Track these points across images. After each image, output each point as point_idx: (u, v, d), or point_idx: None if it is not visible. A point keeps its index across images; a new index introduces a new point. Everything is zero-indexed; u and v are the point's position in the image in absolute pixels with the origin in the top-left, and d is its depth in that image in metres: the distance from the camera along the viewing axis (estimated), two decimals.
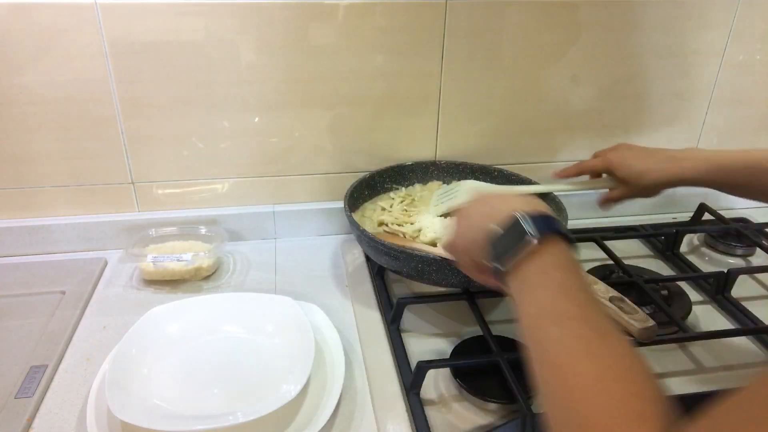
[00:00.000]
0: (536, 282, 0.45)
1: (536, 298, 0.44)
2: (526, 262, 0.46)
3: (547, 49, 0.92)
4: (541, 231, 0.46)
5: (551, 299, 0.43)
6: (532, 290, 0.45)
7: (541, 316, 0.43)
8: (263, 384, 0.64)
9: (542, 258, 0.46)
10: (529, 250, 0.46)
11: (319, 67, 0.87)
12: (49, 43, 0.78)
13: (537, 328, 0.43)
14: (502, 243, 0.48)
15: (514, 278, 0.47)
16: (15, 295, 0.80)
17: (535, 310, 0.44)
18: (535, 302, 0.44)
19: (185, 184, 0.93)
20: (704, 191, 1.09)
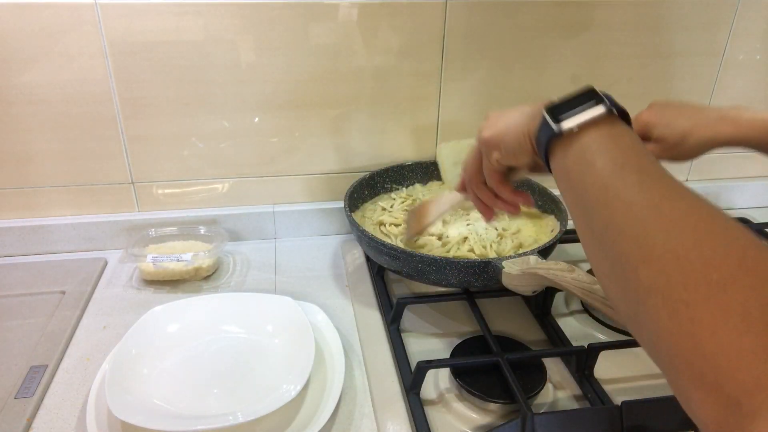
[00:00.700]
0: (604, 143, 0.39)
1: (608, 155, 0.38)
2: (592, 126, 0.40)
3: (547, 49, 0.92)
4: (614, 104, 0.41)
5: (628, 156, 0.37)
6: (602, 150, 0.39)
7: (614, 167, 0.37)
8: (263, 384, 0.64)
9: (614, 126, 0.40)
10: (598, 114, 0.40)
11: (319, 67, 0.87)
12: (49, 43, 0.78)
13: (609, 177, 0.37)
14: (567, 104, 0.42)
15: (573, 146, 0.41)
16: (15, 295, 0.80)
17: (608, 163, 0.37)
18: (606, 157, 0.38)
19: (185, 184, 0.93)
20: (705, 191, 1.09)
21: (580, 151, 0.40)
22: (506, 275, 0.66)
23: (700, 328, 0.27)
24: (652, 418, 0.56)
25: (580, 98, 0.42)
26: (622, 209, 0.34)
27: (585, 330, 0.76)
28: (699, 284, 0.28)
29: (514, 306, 0.80)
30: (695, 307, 0.28)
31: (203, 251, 0.84)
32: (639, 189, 0.35)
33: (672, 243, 0.31)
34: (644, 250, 0.32)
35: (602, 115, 0.40)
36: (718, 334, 0.26)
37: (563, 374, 0.68)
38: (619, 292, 0.34)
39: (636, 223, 0.33)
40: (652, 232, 0.32)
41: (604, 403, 0.62)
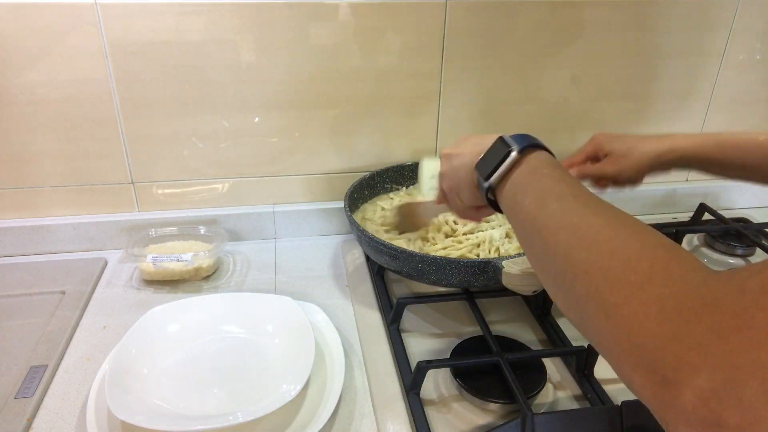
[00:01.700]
0: (528, 181, 0.46)
1: (531, 191, 0.45)
2: (514, 170, 0.48)
3: (547, 49, 0.92)
4: (522, 144, 0.48)
5: (547, 186, 0.44)
6: (525, 188, 0.46)
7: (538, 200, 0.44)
8: (263, 384, 0.64)
9: (529, 163, 0.47)
10: (513, 159, 0.48)
11: (319, 67, 0.87)
12: (49, 43, 0.78)
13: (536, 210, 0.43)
14: (487, 162, 0.50)
15: (505, 190, 0.48)
16: (15, 295, 0.80)
17: (532, 199, 0.44)
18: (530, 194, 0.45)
19: (185, 184, 0.93)
20: (704, 191, 1.09)
21: (511, 194, 0.48)
22: (506, 275, 0.66)
23: (629, 322, 0.32)
24: (652, 418, 0.56)
25: (494, 151, 0.50)
26: (548, 236, 0.41)
27: None
28: (621, 287, 0.33)
29: (514, 306, 0.80)
30: (622, 307, 0.32)
31: (203, 251, 0.84)
32: (560, 215, 0.41)
33: (593, 257, 0.36)
34: (573, 267, 0.37)
35: (515, 158, 0.48)
36: (643, 325, 0.31)
37: (563, 374, 0.68)
38: (565, 303, 0.39)
39: (562, 245, 0.39)
40: (575, 251, 0.37)
41: (604, 403, 0.62)
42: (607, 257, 0.35)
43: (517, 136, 0.49)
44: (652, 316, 0.31)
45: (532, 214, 0.43)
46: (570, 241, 0.38)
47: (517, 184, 0.47)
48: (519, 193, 0.46)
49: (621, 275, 0.34)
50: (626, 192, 1.07)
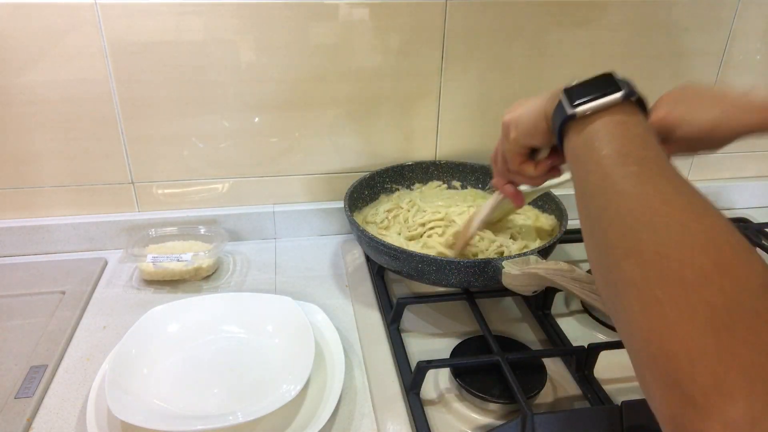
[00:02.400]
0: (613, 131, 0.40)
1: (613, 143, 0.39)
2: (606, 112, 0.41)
3: (547, 49, 0.92)
4: (629, 91, 0.42)
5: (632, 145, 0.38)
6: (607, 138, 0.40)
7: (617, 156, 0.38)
8: (263, 384, 0.64)
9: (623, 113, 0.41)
10: (614, 99, 0.41)
11: (319, 67, 0.87)
12: (49, 43, 0.78)
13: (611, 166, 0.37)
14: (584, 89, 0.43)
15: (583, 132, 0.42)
16: (15, 295, 0.80)
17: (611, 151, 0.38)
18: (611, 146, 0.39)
19: (185, 184, 0.93)
20: (704, 191, 1.09)
21: (589, 136, 0.41)
22: (506, 275, 0.66)
23: (667, 325, 0.27)
24: (652, 418, 0.56)
25: (598, 83, 0.42)
26: (616, 199, 0.35)
27: (585, 330, 0.76)
28: (673, 283, 0.29)
29: (514, 306, 0.80)
30: (665, 305, 0.28)
31: (203, 251, 0.84)
32: (636, 181, 0.35)
33: (656, 240, 0.31)
34: (630, 243, 0.32)
35: (617, 100, 0.41)
36: (682, 333, 0.27)
37: (563, 374, 0.68)
38: (603, 280, 0.35)
39: (627, 216, 0.34)
40: (639, 227, 0.32)
41: (604, 403, 0.62)
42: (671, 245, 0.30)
43: (626, 80, 0.43)
44: (696, 325, 0.26)
45: (605, 168, 0.38)
46: (637, 214, 0.33)
47: (600, 129, 0.41)
48: (598, 140, 0.40)
49: (677, 269, 0.29)
50: None
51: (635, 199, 0.34)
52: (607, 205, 0.36)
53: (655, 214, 0.33)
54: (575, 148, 0.42)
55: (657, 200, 0.34)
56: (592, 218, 0.38)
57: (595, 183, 0.38)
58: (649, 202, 0.34)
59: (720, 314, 0.26)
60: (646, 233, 0.32)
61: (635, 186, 0.35)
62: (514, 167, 0.55)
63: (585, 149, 0.41)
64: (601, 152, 0.39)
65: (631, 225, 0.33)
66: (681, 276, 0.29)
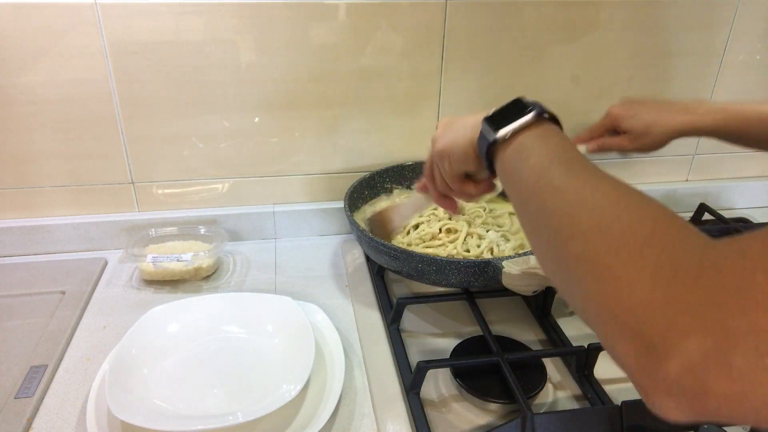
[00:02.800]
0: (535, 144, 0.44)
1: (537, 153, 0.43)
2: (524, 131, 0.46)
3: (547, 49, 0.92)
4: (540, 109, 0.46)
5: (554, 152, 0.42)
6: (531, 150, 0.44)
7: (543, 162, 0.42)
8: (263, 384, 0.64)
9: (540, 128, 0.45)
10: (529, 119, 0.46)
11: (319, 67, 0.87)
12: (49, 43, 0.78)
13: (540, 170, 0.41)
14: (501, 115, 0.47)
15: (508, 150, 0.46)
16: (15, 295, 0.80)
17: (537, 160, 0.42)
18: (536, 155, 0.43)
19: (185, 184, 0.93)
20: (704, 191, 1.09)
21: (515, 153, 0.45)
22: (506, 275, 0.66)
23: (621, 285, 0.31)
24: (652, 418, 0.56)
25: (511, 108, 0.47)
26: (551, 194, 0.39)
27: (585, 330, 0.76)
28: (619, 249, 0.32)
29: (514, 306, 0.80)
30: (616, 269, 0.31)
31: (203, 251, 0.84)
32: (566, 177, 0.39)
33: (595, 218, 0.35)
34: (572, 227, 0.36)
35: (532, 118, 0.46)
36: (635, 289, 0.30)
37: (563, 374, 0.68)
38: (553, 265, 0.38)
39: (564, 205, 0.37)
40: (578, 211, 0.36)
41: (604, 403, 0.62)
42: (609, 220, 0.34)
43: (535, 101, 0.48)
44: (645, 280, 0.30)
45: (536, 172, 0.42)
46: (572, 202, 0.37)
47: (524, 144, 0.45)
48: (525, 152, 0.44)
49: (620, 237, 0.32)
50: None
51: (568, 190, 0.38)
52: (543, 201, 0.39)
53: (589, 198, 0.36)
54: (505, 165, 0.47)
55: (588, 187, 0.37)
56: (532, 218, 0.41)
57: (530, 186, 0.42)
58: (581, 189, 0.37)
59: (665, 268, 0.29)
60: (585, 215, 0.35)
61: (565, 180, 0.39)
62: (456, 188, 0.58)
63: (515, 162, 0.45)
64: (529, 161, 0.43)
65: (569, 211, 0.37)
66: (625, 242, 0.32)
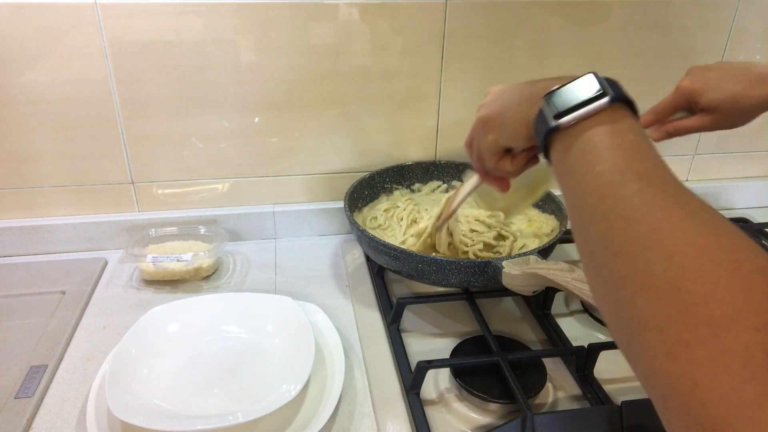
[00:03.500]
0: (606, 141, 0.36)
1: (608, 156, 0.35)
2: (593, 121, 0.38)
3: (546, 49, 0.92)
4: (616, 92, 0.38)
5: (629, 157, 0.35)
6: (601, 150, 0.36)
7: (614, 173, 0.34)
8: (263, 384, 0.64)
9: (614, 119, 0.37)
10: (599, 106, 0.38)
11: (319, 67, 0.87)
12: (49, 43, 0.78)
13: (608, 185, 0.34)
14: (567, 94, 0.39)
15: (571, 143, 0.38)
16: (15, 295, 0.80)
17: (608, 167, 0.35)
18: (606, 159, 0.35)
19: (185, 184, 0.93)
20: (705, 191, 1.09)
21: (578, 151, 0.37)
22: (506, 275, 0.66)
23: (699, 372, 0.25)
24: (652, 418, 0.56)
25: (580, 87, 0.39)
26: (619, 224, 0.32)
27: (585, 330, 0.76)
28: (700, 322, 0.26)
29: (514, 306, 0.80)
30: (695, 348, 0.25)
31: (203, 251, 0.84)
32: (640, 202, 0.32)
33: (673, 272, 0.28)
34: (642, 277, 0.29)
35: (603, 106, 0.38)
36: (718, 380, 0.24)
37: (563, 374, 0.68)
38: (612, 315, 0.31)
39: (635, 244, 0.30)
40: (652, 258, 0.29)
41: (604, 403, 0.62)
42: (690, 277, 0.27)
43: (611, 80, 0.40)
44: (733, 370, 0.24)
45: (602, 188, 0.34)
46: (645, 242, 0.30)
47: (588, 141, 0.37)
48: (590, 152, 0.36)
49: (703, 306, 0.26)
50: None
51: (641, 224, 0.31)
52: (608, 231, 0.32)
53: (667, 240, 0.29)
54: (564, 164, 0.39)
55: (666, 224, 0.30)
56: (592, 245, 0.34)
57: (593, 204, 0.34)
58: (658, 226, 0.30)
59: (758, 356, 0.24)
60: (660, 264, 0.28)
61: (639, 208, 0.31)
62: (491, 165, 0.52)
63: (576, 166, 0.37)
64: (595, 168, 0.35)
65: (641, 255, 0.30)
66: (708, 314, 0.25)
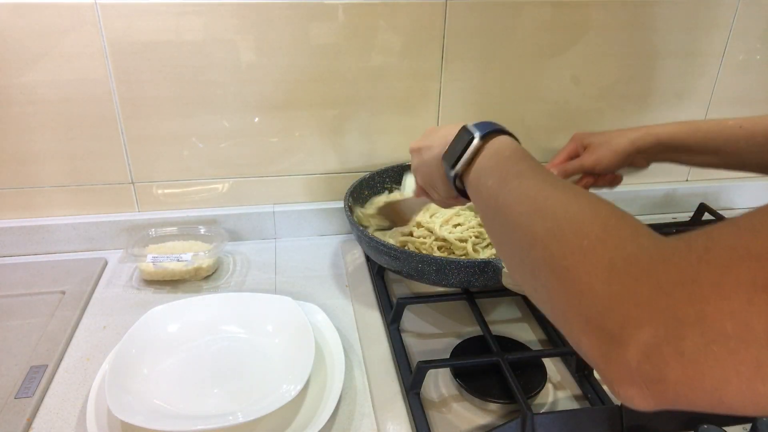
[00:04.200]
0: (490, 164, 0.48)
1: (493, 172, 0.47)
2: (477, 157, 0.50)
3: (547, 49, 0.92)
4: (483, 131, 0.50)
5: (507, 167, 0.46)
6: (488, 171, 0.48)
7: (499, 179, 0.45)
8: (263, 384, 0.64)
9: (491, 148, 0.49)
10: (476, 146, 0.49)
11: (319, 67, 0.87)
12: (49, 43, 0.78)
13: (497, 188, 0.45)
14: (451, 152, 0.52)
15: (470, 177, 0.50)
16: (15, 295, 0.80)
17: (494, 180, 0.46)
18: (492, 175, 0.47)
19: (185, 184, 0.93)
20: (704, 191, 1.09)
21: (475, 179, 0.49)
22: (506, 275, 0.66)
23: (580, 284, 0.33)
24: (652, 418, 0.56)
25: (459, 139, 0.51)
26: (508, 211, 0.42)
27: None
28: (574, 251, 0.34)
29: (514, 306, 0.80)
30: (573, 269, 0.34)
31: (203, 251, 0.84)
32: (519, 191, 0.42)
33: (548, 225, 0.37)
34: (531, 236, 0.38)
35: (479, 144, 0.49)
36: (592, 286, 0.32)
37: (563, 374, 0.68)
38: (521, 275, 0.40)
39: (521, 218, 0.40)
40: (533, 221, 0.39)
41: (604, 403, 0.62)
42: (561, 224, 0.36)
43: (480, 123, 0.51)
44: (601, 277, 0.32)
45: (494, 193, 0.45)
46: (528, 213, 0.40)
47: (480, 168, 0.49)
48: (483, 176, 0.48)
49: (574, 240, 0.35)
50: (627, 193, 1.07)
51: (523, 203, 0.41)
52: (504, 218, 0.43)
53: (542, 206, 0.39)
54: (471, 191, 0.51)
55: (540, 196, 0.40)
56: (498, 234, 0.44)
57: (492, 206, 0.45)
58: (534, 199, 0.40)
59: (617, 264, 0.31)
60: (540, 223, 0.38)
61: (520, 194, 0.42)
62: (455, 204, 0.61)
63: (476, 187, 0.49)
64: (488, 183, 0.47)
65: (526, 222, 0.40)
66: (580, 244, 0.34)
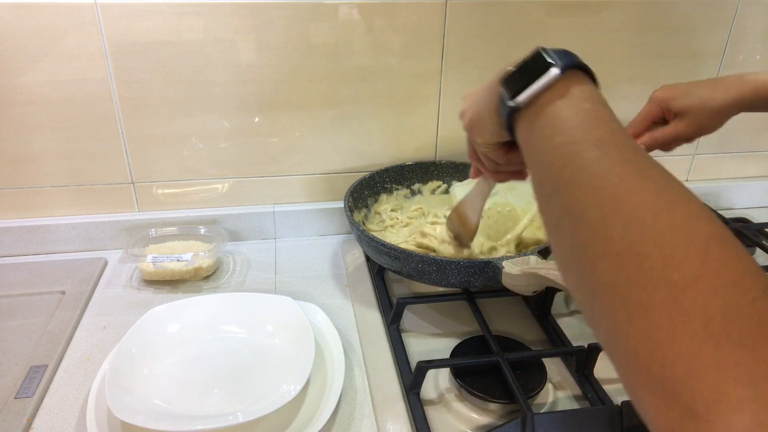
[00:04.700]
0: (561, 114, 0.36)
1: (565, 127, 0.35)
2: (547, 94, 0.38)
3: None
4: (565, 62, 0.38)
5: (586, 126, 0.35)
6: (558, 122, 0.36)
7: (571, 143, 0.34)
8: (263, 384, 0.64)
9: (569, 89, 0.37)
10: (552, 79, 0.37)
11: (319, 67, 0.87)
12: (49, 43, 0.78)
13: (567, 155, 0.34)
14: (518, 76, 0.40)
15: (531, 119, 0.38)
16: (15, 295, 0.80)
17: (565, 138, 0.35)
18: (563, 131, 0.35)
19: (185, 184, 0.93)
20: (704, 191, 1.09)
21: (538, 126, 0.37)
22: (506, 275, 0.66)
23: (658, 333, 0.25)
24: None
25: (530, 64, 0.39)
26: (579, 193, 0.32)
27: (585, 330, 0.76)
28: (658, 285, 0.26)
29: (514, 306, 0.80)
30: (654, 311, 0.26)
31: (203, 251, 0.84)
32: (597, 169, 0.32)
33: (631, 237, 0.28)
34: (602, 243, 0.29)
35: (555, 78, 0.37)
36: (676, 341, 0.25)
37: (563, 374, 0.68)
38: (575, 282, 0.32)
39: (594, 211, 0.31)
40: (610, 223, 0.29)
41: (604, 403, 0.62)
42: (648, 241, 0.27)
43: (560, 51, 0.39)
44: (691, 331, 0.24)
45: (561, 159, 0.34)
46: (604, 209, 0.30)
47: (548, 113, 0.37)
48: (548, 126, 0.36)
49: (660, 269, 0.26)
50: None
51: (600, 192, 0.31)
52: (569, 200, 0.32)
53: (624, 206, 0.29)
54: (527, 141, 0.39)
55: (624, 189, 0.30)
56: (555, 216, 0.34)
57: (554, 177, 0.34)
58: (616, 192, 0.30)
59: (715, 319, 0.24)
60: (618, 229, 0.29)
61: (596, 176, 0.32)
62: (502, 161, 0.51)
63: (536, 141, 0.37)
64: (553, 141, 0.35)
65: (600, 221, 0.30)
66: (667, 278, 0.26)
